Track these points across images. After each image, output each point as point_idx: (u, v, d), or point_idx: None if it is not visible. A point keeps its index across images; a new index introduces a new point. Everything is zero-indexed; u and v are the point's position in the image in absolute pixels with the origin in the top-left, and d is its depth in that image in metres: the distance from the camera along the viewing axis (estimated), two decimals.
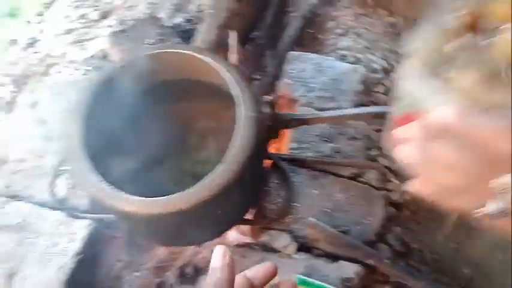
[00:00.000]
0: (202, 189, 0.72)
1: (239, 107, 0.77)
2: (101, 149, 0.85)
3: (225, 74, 0.83)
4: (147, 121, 0.97)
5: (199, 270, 1.15)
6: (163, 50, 0.93)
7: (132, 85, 0.94)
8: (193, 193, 0.71)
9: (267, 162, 1.05)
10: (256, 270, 0.59)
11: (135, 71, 0.93)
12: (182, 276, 1.14)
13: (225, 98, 0.95)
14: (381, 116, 0.75)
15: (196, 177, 0.78)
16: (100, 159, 0.81)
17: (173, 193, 0.73)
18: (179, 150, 1.02)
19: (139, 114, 0.96)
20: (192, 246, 1.17)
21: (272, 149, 1.11)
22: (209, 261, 1.19)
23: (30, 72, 1.63)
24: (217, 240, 1.15)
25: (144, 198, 0.73)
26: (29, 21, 1.90)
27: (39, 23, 1.86)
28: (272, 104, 0.78)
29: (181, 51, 0.90)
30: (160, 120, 0.99)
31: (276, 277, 0.60)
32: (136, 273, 1.15)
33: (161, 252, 1.19)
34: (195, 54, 0.88)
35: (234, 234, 1.17)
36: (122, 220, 0.87)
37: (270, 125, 0.80)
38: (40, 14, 1.87)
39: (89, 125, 0.84)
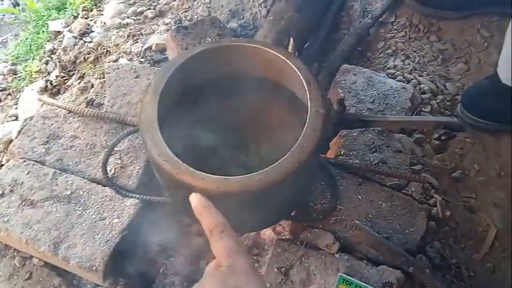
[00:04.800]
0: (273, 172, 0.76)
1: (312, 103, 0.81)
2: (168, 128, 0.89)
3: (297, 70, 0.87)
4: (210, 111, 1.02)
5: None
6: (235, 43, 0.99)
7: (202, 74, 0.99)
8: (265, 174, 0.75)
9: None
10: None
11: (206, 61, 0.98)
12: None
13: (285, 97, 1.00)
14: (444, 126, 0.79)
15: (249, 169, 0.82)
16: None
17: None
18: (236, 141, 1.06)
19: (205, 103, 1.01)
20: None
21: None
22: None
23: (81, 59, 1.70)
24: (253, 235, 1.19)
25: (216, 176, 0.76)
26: (78, 15, 2.00)
27: (91, 16, 1.96)
28: (341, 102, 0.82)
29: (254, 45, 0.95)
30: (221, 111, 1.04)
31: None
32: (171, 259, 1.17)
33: (197, 241, 1.21)
34: (267, 48, 0.93)
35: (268, 233, 1.20)
36: (185, 198, 0.89)
37: (335, 123, 0.84)
38: (90, 10, 1.96)
39: (161, 104, 0.88)
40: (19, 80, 1.83)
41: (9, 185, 1.11)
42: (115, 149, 1.15)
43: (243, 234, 1.15)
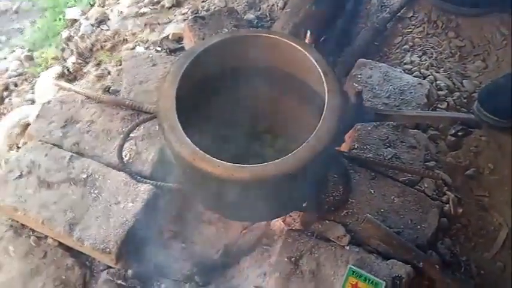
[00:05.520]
0: (288, 162, 0.77)
1: (329, 94, 0.81)
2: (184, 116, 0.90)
3: (315, 62, 0.87)
4: (226, 100, 1.03)
5: (243, 252, 1.19)
6: (252, 34, 0.99)
7: (219, 64, 1.00)
8: (280, 164, 0.76)
9: None
10: None
11: (224, 51, 0.99)
12: (226, 254, 1.18)
13: (302, 89, 1.00)
14: (461, 123, 0.78)
15: (263, 160, 0.83)
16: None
17: None
18: (251, 131, 1.07)
19: (222, 93, 1.01)
20: (238, 229, 1.22)
21: None
22: (253, 245, 1.23)
23: (98, 47, 1.72)
24: (264, 225, 1.20)
25: (232, 163, 0.77)
26: (94, 3, 2.02)
27: (107, 5, 1.97)
28: (359, 95, 0.82)
29: (272, 35, 0.96)
30: (238, 101, 1.05)
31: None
32: (183, 245, 1.19)
33: (208, 229, 1.23)
34: (285, 39, 0.93)
35: (278, 224, 1.21)
36: (200, 185, 0.91)
37: (351, 116, 0.84)
38: None
39: (179, 93, 0.89)
40: (35, 66, 1.85)
41: (27, 167, 1.13)
42: (130, 135, 1.17)
43: (254, 223, 1.16)
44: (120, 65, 1.50)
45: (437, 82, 1.29)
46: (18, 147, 1.44)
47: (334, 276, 0.96)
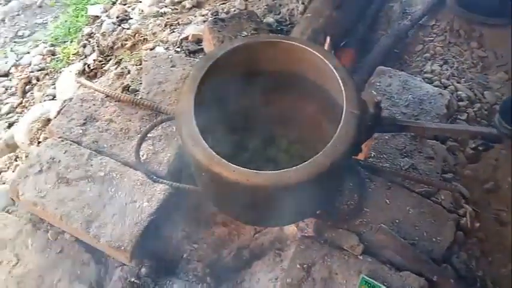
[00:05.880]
0: (304, 170, 0.77)
1: (348, 103, 0.81)
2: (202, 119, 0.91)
3: (334, 69, 0.87)
4: (244, 105, 1.03)
5: (255, 255, 1.19)
6: (272, 39, 0.99)
7: (239, 68, 1.00)
8: (296, 171, 0.76)
9: None
10: None
11: (243, 55, 0.99)
12: (238, 257, 1.18)
13: (319, 96, 1.00)
14: (482, 137, 0.77)
15: (277, 165, 0.83)
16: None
17: None
18: (267, 137, 1.07)
19: (240, 97, 1.02)
20: (251, 232, 1.22)
21: None
22: (265, 248, 1.23)
23: (119, 45, 1.74)
24: (277, 230, 1.20)
25: (247, 169, 0.78)
26: (116, 1, 2.05)
27: (129, 3, 2.00)
28: (377, 105, 0.82)
29: (291, 42, 0.96)
30: (255, 106, 1.05)
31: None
32: (195, 245, 1.20)
33: (221, 230, 1.24)
34: (305, 46, 0.93)
35: (291, 229, 1.21)
36: (216, 188, 0.92)
37: (369, 125, 0.83)
38: None
39: (198, 96, 0.90)
40: (57, 61, 1.89)
41: (47, 163, 1.16)
42: (148, 135, 1.18)
43: (266, 227, 1.17)
44: (140, 64, 1.52)
45: (458, 92, 1.27)
46: (38, 142, 1.47)
47: (346, 285, 0.95)
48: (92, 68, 1.71)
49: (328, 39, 1.22)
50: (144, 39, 1.69)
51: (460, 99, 1.26)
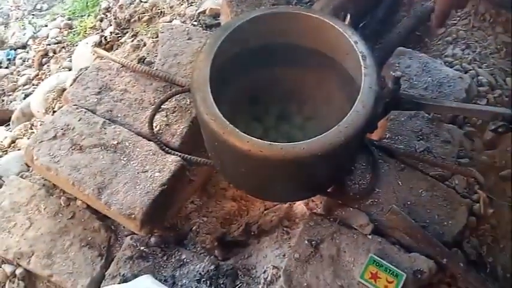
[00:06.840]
0: (318, 144, 0.76)
1: (366, 77, 0.79)
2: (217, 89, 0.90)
3: (354, 44, 0.85)
4: (259, 77, 1.02)
5: (263, 231, 1.20)
6: (291, 11, 0.97)
7: (255, 40, 0.99)
8: (310, 144, 0.75)
9: None
10: None
11: (261, 27, 0.97)
12: (246, 232, 1.19)
13: (336, 70, 0.98)
14: (502, 118, 0.75)
15: (291, 140, 0.81)
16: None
17: None
18: (281, 111, 1.06)
19: (255, 69, 1.01)
20: (260, 208, 1.22)
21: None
22: (273, 225, 1.23)
23: (136, 18, 1.74)
24: (286, 207, 1.20)
25: (261, 140, 0.77)
26: None
27: None
28: (397, 81, 0.80)
29: (311, 14, 0.94)
30: (270, 79, 1.04)
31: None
32: (204, 218, 1.21)
33: (231, 205, 1.24)
34: (324, 19, 0.91)
35: (301, 208, 1.21)
36: (227, 159, 0.91)
37: (387, 102, 0.82)
38: None
39: (214, 65, 0.89)
40: (74, 35, 1.90)
41: (62, 129, 1.17)
42: (162, 106, 1.19)
43: (276, 204, 1.17)
44: (156, 37, 1.51)
45: (479, 77, 1.24)
46: (54, 111, 1.48)
47: (354, 264, 0.95)
48: (108, 40, 1.71)
49: (348, 17, 1.19)
50: (161, 12, 1.68)
51: (480, 84, 1.22)
